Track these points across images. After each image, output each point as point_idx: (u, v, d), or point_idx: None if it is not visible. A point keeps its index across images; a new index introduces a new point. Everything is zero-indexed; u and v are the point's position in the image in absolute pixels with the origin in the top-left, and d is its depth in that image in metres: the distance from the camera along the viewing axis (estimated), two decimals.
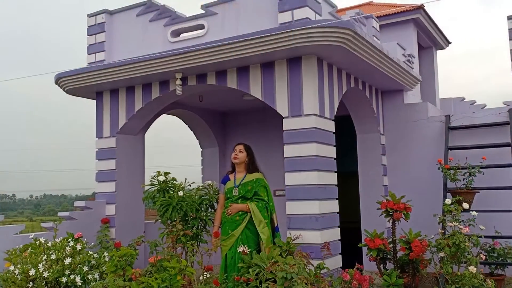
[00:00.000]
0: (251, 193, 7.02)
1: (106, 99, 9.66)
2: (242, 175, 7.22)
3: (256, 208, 6.95)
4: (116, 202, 9.27)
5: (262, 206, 6.98)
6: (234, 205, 7.02)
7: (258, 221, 6.91)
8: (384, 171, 9.92)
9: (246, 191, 7.05)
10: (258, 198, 7.03)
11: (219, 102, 11.32)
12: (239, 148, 7.31)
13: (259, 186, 7.10)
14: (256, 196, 7.04)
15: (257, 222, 6.92)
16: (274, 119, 10.02)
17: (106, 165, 9.45)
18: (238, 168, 7.30)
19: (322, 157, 7.56)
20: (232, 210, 7.00)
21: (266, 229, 6.90)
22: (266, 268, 6.02)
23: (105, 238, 8.90)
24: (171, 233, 6.98)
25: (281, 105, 7.73)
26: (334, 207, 7.82)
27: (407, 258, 6.96)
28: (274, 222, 7.13)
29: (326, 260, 6.99)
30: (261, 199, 7.03)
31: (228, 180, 7.31)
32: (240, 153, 7.27)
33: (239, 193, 7.07)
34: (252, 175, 7.20)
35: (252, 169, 7.27)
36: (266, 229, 6.91)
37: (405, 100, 10.15)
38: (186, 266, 5.64)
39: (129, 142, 9.66)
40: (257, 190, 7.05)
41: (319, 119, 7.60)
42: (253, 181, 7.12)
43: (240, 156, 7.25)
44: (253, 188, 7.05)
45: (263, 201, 7.03)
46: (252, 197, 7.05)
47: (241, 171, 7.28)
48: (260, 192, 7.06)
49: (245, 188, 7.07)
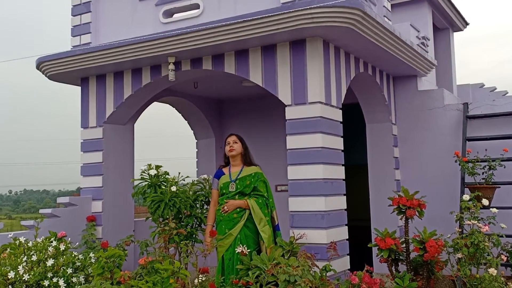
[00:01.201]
0: (250, 189, 7.02)
1: (92, 85, 9.64)
2: (238, 169, 7.22)
3: (256, 205, 6.95)
4: (103, 198, 9.27)
5: (262, 203, 6.98)
6: (231, 202, 7.02)
7: (259, 219, 6.91)
8: (396, 164, 9.92)
9: (245, 186, 7.04)
10: (258, 194, 7.03)
11: (215, 88, 11.31)
12: (233, 139, 7.31)
13: (259, 180, 7.10)
14: (255, 191, 7.04)
15: (257, 220, 6.91)
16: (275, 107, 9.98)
17: (92, 158, 9.43)
18: (234, 161, 7.29)
19: (329, 148, 7.55)
20: (229, 207, 6.99)
21: (267, 227, 6.90)
22: (267, 270, 6.01)
23: (91, 238, 8.90)
24: (163, 232, 6.99)
25: (284, 92, 7.72)
26: (342, 203, 7.82)
27: (421, 260, 6.95)
28: (274, 220, 7.13)
29: (333, 262, 6.99)
30: (261, 195, 7.03)
31: (222, 174, 7.30)
32: (235, 144, 7.27)
33: (236, 189, 7.07)
34: (249, 169, 7.20)
35: (249, 160, 7.27)
36: (267, 228, 6.91)
37: (419, 86, 10.13)
38: (179, 268, 5.63)
39: (117, 133, 9.65)
40: (256, 185, 7.05)
41: (325, 108, 7.58)
42: (251, 175, 7.12)
43: (237, 148, 7.25)
44: (251, 183, 7.05)
45: (263, 197, 7.03)
46: (251, 192, 7.05)
47: (237, 164, 7.28)
48: (260, 188, 7.06)
49: (243, 183, 7.07)
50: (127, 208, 9.66)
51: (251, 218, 6.94)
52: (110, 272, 5.96)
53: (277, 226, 7.15)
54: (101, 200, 9.25)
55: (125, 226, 9.55)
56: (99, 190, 9.31)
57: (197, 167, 12.31)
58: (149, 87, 9.14)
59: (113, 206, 9.39)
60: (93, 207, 9.28)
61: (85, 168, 9.51)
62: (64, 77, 9.62)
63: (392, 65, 9.39)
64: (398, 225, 9.13)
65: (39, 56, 9.33)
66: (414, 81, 10.15)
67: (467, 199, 7.47)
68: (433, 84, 11.40)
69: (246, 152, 7.33)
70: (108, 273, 5.95)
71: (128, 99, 9.26)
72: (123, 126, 9.75)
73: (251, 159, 7.35)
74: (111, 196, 9.40)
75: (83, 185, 9.51)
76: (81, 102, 9.75)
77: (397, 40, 8.35)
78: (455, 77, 13.34)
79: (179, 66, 8.58)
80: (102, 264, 5.97)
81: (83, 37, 9.49)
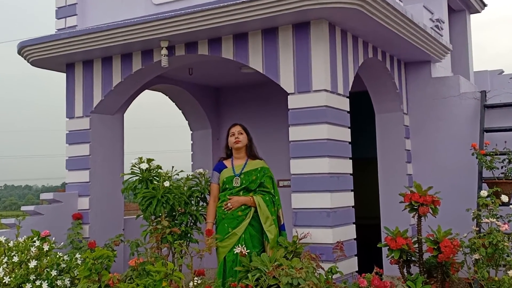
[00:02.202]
0: (256, 184, 7.02)
1: (78, 72, 9.62)
2: (243, 162, 7.21)
3: (262, 202, 6.94)
4: (90, 194, 9.26)
5: (269, 200, 6.99)
6: (235, 198, 7.01)
7: (265, 217, 6.91)
8: (407, 158, 9.91)
9: (250, 182, 7.04)
10: (264, 191, 7.03)
11: (212, 75, 11.31)
12: (238, 130, 7.29)
13: (265, 176, 7.10)
14: (261, 188, 7.03)
15: (263, 218, 6.91)
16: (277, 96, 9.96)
17: (78, 151, 9.42)
18: (238, 154, 7.28)
19: (335, 140, 7.54)
20: (233, 204, 6.98)
21: (273, 227, 6.91)
22: (268, 272, 6.01)
23: (77, 237, 8.89)
24: (156, 231, 6.98)
25: (286, 79, 7.70)
26: (349, 200, 7.82)
27: (435, 261, 6.94)
28: (280, 219, 7.12)
29: (339, 263, 6.99)
30: (267, 192, 7.03)
31: (223, 167, 7.29)
32: (241, 135, 7.26)
33: (241, 184, 7.07)
34: (254, 162, 7.19)
35: (254, 153, 7.26)
36: (273, 227, 6.92)
37: (432, 73, 10.11)
38: (173, 270, 5.63)
39: (105, 123, 9.64)
40: (262, 181, 7.04)
41: (331, 96, 7.57)
42: (257, 170, 7.12)
43: (242, 139, 7.25)
44: (257, 178, 7.05)
45: (270, 194, 7.03)
46: (256, 189, 7.04)
47: (241, 157, 7.28)
48: (266, 184, 7.06)
49: (249, 178, 7.06)
50: (116, 205, 9.66)
51: (256, 216, 6.94)
52: (97, 275, 5.96)
53: (283, 226, 7.15)
54: (88, 196, 9.24)
55: (114, 224, 9.54)
56: (86, 186, 9.29)
57: (192, 160, 12.31)
58: (140, 73, 9.12)
59: (101, 202, 9.38)
60: (79, 204, 9.27)
61: (71, 161, 9.49)
62: (48, 63, 9.61)
63: (404, 50, 9.37)
64: (410, 224, 9.13)
65: (21, 40, 9.32)
66: (428, 67, 10.14)
67: (485, 195, 7.47)
68: (448, 70, 11.38)
69: (251, 144, 7.32)
70: (95, 276, 5.95)
71: (117, 87, 9.24)
72: (111, 116, 9.74)
73: (256, 152, 7.33)
74: (99, 192, 9.38)
75: (69, 180, 9.50)
76: (66, 90, 9.73)
77: (409, 22, 8.33)
78: (472, 63, 13.31)
79: (173, 51, 8.56)
80: (89, 266, 5.96)
81: (69, 19, 9.48)
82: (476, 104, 9.61)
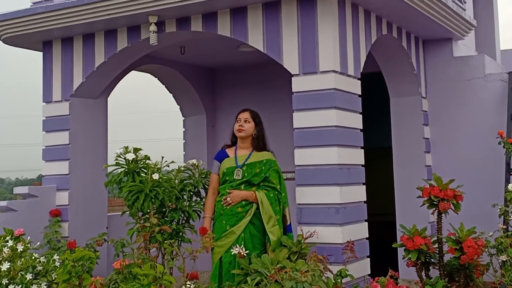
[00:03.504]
0: (260, 178, 7.01)
1: (57, 50, 9.61)
2: (247, 153, 7.20)
3: (266, 199, 6.93)
4: (70, 188, 9.26)
5: (273, 197, 6.97)
6: (236, 192, 7.00)
7: (268, 216, 6.90)
8: (426, 147, 9.91)
9: (253, 175, 7.03)
10: (269, 186, 7.01)
11: (206, 55, 11.31)
12: (244, 117, 7.27)
13: (271, 170, 7.09)
14: (266, 182, 7.02)
15: (266, 217, 6.90)
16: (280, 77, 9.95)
17: (56, 139, 9.42)
18: (242, 143, 7.27)
19: (345, 127, 7.54)
20: (233, 199, 6.97)
21: (276, 227, 6.90)
22: (269, 275, 6.00)
23: (55, 236, 8.89)
24: (143, 229, 6.97)
25: (290, 59, 7.69)
26: (360, 194, 7.83)
27: (458, 263, 6.95)
28: (286, 219, 7.11)
29: (350, 266, 6.99)
30: (273, 188, 7.02)
31: (226, 156, 7.28)
32: (246, 123, 7.23)
33: (243, 177, 7.06)
34: (260, 154, 7.18)
35: (261, 145, 7.23)
36: (277, 228, 6.90)
37: (454, 52, 10.10)
38: (163, 273, 5.63)
39: (87, 108, 9.63)
40: (267, 175, 7.03)
41: (340, 78, 7.55)
42: (262, 162, 7.10)
43: (247, 128, 7.20)
44: (262, 172, 7.03)
45: (275, 191, 7.01)
46: (260, 183, 7.03)
47: (246, 147, 7.27)
48: (272, 178, 7.05)
49: (252, 171, 7.05)
50: (99, 200, 9.65)
51: (258, 214, 6.93)
52: (78, 279, 5.96)
53: (289, 226, 7.15)
54: (68, 190, 9.24)
55: (96, 222, 9.54)
56: (65, 178, 9.28)
57: (185, 150, 12.33)
58: (125, 52, 9.10)
59: (82, 197, 9.38)
60: (57, 199, 9.26)
61: (48, 151, 9.49)
62: (22, 40, 9.60)
63: (422, 26, 9.37)
64: (429, 221, 9.13)
65: None
66: (449, 45, 10.13)
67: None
68: (471, 49, 11.37)
69: (259, 135, 7.26)
70: (76, 280, 5.95)
71: (100, 68, 9.22)
72: (94, 101, 9.72)
73: (265, 144, 7.29)
74: (80, 185, 9.38)
75: (46, 172, 9.50)
76: (43, 71, 9.74)
77: None
78: (499, 40, 13.31)
79: (163, 28, 8.54)
80: (68, 268, 5.96)
81: None
82: (503, 86, 9.61)
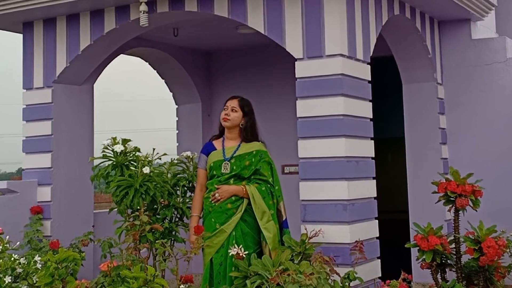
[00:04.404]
0: (250, 171, 6.99)
1: (38, 32, 9.60)
2: (235, 144, 7.18)
3: (257, 193, 6.91)
4: (53, 183, 9.25)
5: (265, 191, 6.95)
6: (224, 187, 6.99)
7: (261, 212, 6.88)
8: (442, 138, 9.90)
9: (243, 168, 7.01)
10: (260, 179, 7.00)
11: (202, 37, 11.32)
12: (232, 105, 7.23)
13: (262, 161, 7.07)
14: (257, 175, 7.01)
15: (259, 213, 6.89)
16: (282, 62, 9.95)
17: (38, 129, 9.41)
18: (229, 134, 7.24)
19: (353, 116, 7.52)
20: (222, 195, 6.96)
21: (271, 223, 6.88)
22: (270, 278, 5.99)
23: (37, 236, 8.89)
24: (133, 227, 6.97)
25: (293, 42, 7.67)
26: (370, 189, 7.83)
27: (476, 264, 6.95)
28: (281, 214, 7.10)
29: (358, 268, 6.98)
30: (264, 181, 7.00)
31: (213, 149, 7.25)
32: (233, 112, 7.19)
33: (231, 170, 7.04)
34: (249, 145, 7.15)
35: (250, 137, 7.20)
36: (272, 224, 6.89)
37: (473, 34, 10.08)
38: (154, 276, 5.62)
39: (71, 96, 9.62)
40: (258, 168, 7.02)
41: (348, 62, 7.54)
42: (252, 154, 7.08)
43: (233, 117, 7.17)
44: (252, 164, 7.02)
45: (267, 184, 6.99)
46: (251, 176, 7.02)
47: (234, 137, 7.23)
48: (263, 171, 7.02)
49: (241, 163, 7.03)
50: (84, 196, 9.66)
51: (250, 210, 6.91)
52: (61, 282, 5.96)
53: (285, 222, 7.13)
54: (50, 185, 9.23)
55: (81, 220, 9.54)
56: (48, 172, 9.28)
57: (178, 141, 12.34)
58: (113, 34, 9.08)
59: (66, 193, 9.38)
60: (39, 194, 9.27)
61: (29, 142, 9.48)
62: (0, 21, 9.59)
63: (438, 6, 9.37)
64: (446, 219, 9.11)
65: None
66: (467, 27, 10.11)
67: None
68: (492, 31, 11.36)
69: (247, 126, 7.21)
70: (59, 283, 5.95)
71: (85, 51, 9.21)
72: (79, 87, 9.72)
73: (254, 134, 7.26)
74: (64, 180, 9.38)
75: (26, 166, 9.50)
76: (23, 54, 9.73)
77: None
78: None
79: (154, 7, 8.53)
80: (51, 270, 5.96)
81: None
82: None
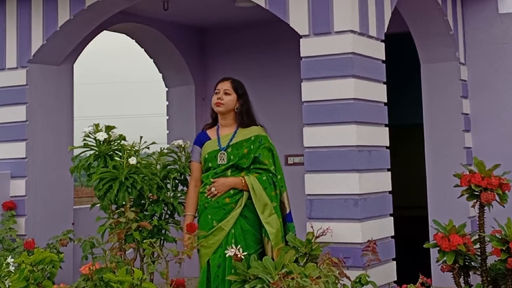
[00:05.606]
0: (249, 160, 6.99)
1: (11, 7, 9.59)
2: (231, 131, 7.17)
3: (257, 183, 6.91)
4: (28, 176, 9.26)
5: (267, 181, 6.94)
6: (221, 180, 7.00)
7: (262, 204, 6.88)
8: (465, 125, 9.89)
9: (241, 157, 7.01)
10: (261, 168, 6.99)
11: (195, 11, 11.33)
12: (224, 87, 7.20)
13: (261, 148, 7.06)
14: (257, 164, 7.00)
15: (260, 206, 6.88)
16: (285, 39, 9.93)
17: (10, 115, 9.42)
18: (224, 120, 7.23)
19: (365, 100, 7.51)
20: (218, 188, 6.97)
21: (274, 217, 6.88)
22: (272, 283, 5.99)
23: (9, 235, 8.89)
24: (118, 225, 6.97)
25: (298, 17, 7.65)
26: (385, 183, 7.82)
27: (504, 267, 6.95)
28: (285, 206, 7.10)
29: (371, 270, 6.98)
30: (265, 170, 6.99)
31: (207, 139, 7.25)
32: (226, 95, 7.16)
33: (228, 160, 7.04)
34: (247, 130, 7.13)
35: (247, 121, 7.18)
36: (275, 218, 6.89)
37: (500, 8, 10.05)
38: (141, 279, 5.62)
39: (48, 77, 9.62)
40: (257, 155, 7.00)
41: (360, 39, 7.53)
42: (250, 140, 7.07)
43: (226, 101, 7.14)
44: (250, 152, 7.01)
45: (268, 173, 6.99)
46: (250, 166, 7.01)
47: (229, 124, 7.22)
48: (263, 158, 7.02)
49: (239, 152, 7.03)
50: (63, 190, 9.68)
51: (251, 205, 6.91)
52: (37, 286, 5.95)
53: (289, 215, 7.13)
54: (25, 178, 9.24)
55: (60, 217, 9.56)
56: (22, 163, 9.28)
57: (168, 128, 12.34)
58: (96, 8, 9.04)
59: (42, 186, 9.38)
60: (12, 188, 9.27)
61: (1, 130, 9.49)
62: None
63: None
64: (469, 216, 9.12)
65: None
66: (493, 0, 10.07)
67: None
68: None
69: (243, 109, 7.20)
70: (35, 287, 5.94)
71: (64, 27, 9.19)
72: (57, 67, 9.72)
73: (251, 118, 7.24)
74: (40, 172, 9.38)
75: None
76: None
77: None
78: None
79: None
80: (25, 274, 5.95)
81: None
82: None
